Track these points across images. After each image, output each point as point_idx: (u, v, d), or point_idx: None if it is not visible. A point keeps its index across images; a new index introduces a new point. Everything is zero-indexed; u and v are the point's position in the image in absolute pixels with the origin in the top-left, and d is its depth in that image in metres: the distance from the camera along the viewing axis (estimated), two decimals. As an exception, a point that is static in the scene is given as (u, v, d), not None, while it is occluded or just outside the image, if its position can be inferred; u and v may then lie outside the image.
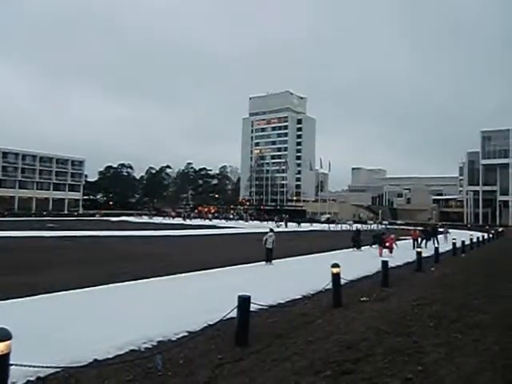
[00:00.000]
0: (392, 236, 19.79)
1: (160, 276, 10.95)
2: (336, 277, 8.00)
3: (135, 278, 10.49)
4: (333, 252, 19.05)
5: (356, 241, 20.64)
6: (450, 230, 32.88)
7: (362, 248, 20.43)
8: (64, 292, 8.49)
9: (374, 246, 20.27)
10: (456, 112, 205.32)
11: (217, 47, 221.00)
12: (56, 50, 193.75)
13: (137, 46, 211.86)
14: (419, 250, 14.23)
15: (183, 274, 11.48)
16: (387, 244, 18.70)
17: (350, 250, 20.16)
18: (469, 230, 44.75)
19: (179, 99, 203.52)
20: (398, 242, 20.59)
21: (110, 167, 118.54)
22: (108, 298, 8.31)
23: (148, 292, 9.13)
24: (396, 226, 54.34)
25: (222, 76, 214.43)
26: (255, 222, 61.62)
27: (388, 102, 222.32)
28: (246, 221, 62.88)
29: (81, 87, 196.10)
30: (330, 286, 8.18)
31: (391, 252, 18.20)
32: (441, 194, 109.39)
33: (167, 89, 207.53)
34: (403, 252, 18.63)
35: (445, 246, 21.64)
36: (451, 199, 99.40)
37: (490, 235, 33.99)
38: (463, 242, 21.66)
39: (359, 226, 38.20)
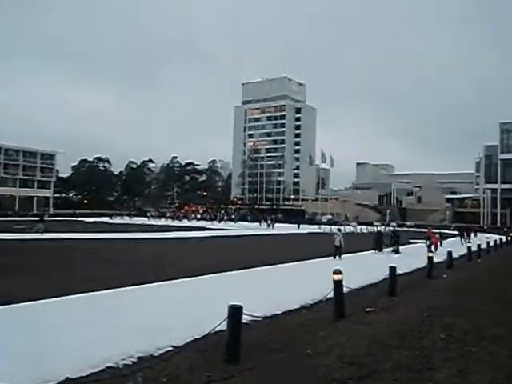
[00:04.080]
0: (437, 235, 23.46)
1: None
2: (338, 284, 7.95)
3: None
4: (356, 254, 20.61)
5: (378, 243, 21.74)
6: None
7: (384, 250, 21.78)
8: (31, 302, 8.38)
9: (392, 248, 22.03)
10: (473, 102, 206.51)
11: (204, 26, 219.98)
12: (19, 29, 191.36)
13: (115, 27, 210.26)
14: (431, 254, 14.37)
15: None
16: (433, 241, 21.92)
17: (371, 252, 21.56)
18: (485, 232, 45.19)
19: (163, 85, 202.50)
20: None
21: (85, 161, 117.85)
22: (86, 307, 8.26)
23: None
24: (406, 228, 54.60)
25: (211, 59, 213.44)
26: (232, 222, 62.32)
27: (397, 91, 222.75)
28: (219, 221, 63.31)
29: (52, 73, 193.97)
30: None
31: (436, 249, 20.86)
32: (455, 193, 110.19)
33: (150, 74, 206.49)
34: (416, 256, 19.05)
35: (459, 250, 21.86)
36: (466, 198, 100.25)
37: (509, 238, 34.36)
38: (479, 245, 21.91)
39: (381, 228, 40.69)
